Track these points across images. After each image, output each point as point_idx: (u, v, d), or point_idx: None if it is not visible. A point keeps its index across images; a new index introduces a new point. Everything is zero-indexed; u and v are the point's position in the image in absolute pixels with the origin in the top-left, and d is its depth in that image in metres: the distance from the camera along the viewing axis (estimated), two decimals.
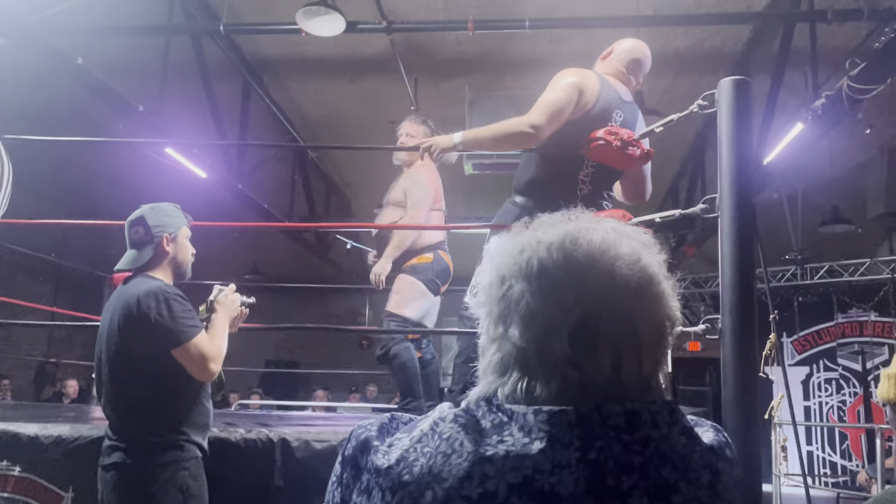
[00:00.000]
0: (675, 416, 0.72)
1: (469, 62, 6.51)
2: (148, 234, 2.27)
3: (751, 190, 1.77)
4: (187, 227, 2.37)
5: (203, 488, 2.17)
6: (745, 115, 1.79)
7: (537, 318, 0.72)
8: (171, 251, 2.30)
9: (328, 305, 13.20)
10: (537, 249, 0.75)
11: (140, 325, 2.12)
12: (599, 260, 0.73)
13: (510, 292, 0.74)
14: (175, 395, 2.16)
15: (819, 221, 8.19)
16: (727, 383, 1.72)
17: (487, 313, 0.77)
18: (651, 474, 0.66)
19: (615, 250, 0.74)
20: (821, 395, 9.68)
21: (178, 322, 2.14)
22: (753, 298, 1.71)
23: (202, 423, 2.24)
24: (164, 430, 2.12)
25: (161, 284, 2.21)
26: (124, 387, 2.18)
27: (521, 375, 0.72)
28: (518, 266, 0.75)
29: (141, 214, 2.30)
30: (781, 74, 5.74)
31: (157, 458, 2.09)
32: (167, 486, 2.06)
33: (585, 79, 2.63)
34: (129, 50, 5.88)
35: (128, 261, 2.28)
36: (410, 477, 0.67)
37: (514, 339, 0.72)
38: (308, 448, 2.40)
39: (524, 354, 0.72)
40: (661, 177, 8.74)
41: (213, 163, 6.75)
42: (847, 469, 9.06)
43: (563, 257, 0.73)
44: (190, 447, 2.14)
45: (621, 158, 2.44)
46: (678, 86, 6.75)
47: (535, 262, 0.74)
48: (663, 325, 0.75)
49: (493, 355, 0.75)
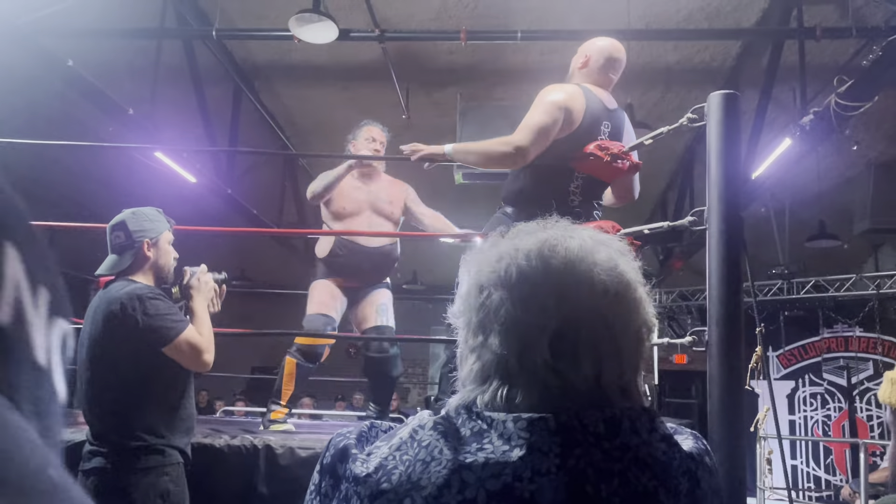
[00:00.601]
0: (655, 423, 0.72)
1: (461, 72, 6.54)
2: (129, 239, 2.26)
3: (739, 203, 1.79)
4: (169, 232, 2.36)
5: (184, 494, 2.15)
6: (734, 128, 1.80)
7: (517, 326, 0.72)
8: (153, 256, 2.29)
9: None
10: (516, 257, 0.75)
11: (125, 328, 2.10)
12: (577, 267, 0.73)
13: (489, 301, 0.74)
14: (157, 400, 2.14)
15: (806, 236, 8.25)
16: (713, 396, 1.73)
17: (466, 322, 0.77)
18: (631, 481, 0.66)
19: (593, 257, 0.74)
20: (806, 410, 9.72)
21: (165, 319, 2.13)
22: (740, 310, 1.72)
23: (184, 428, 2.22)
24: (145, 435, 2.10)
25: (141, 286, 2.20)
26: (105, 391, 2.16)
27: (501, 383, 0.72)
28: (497, 274, 0.75)
29: (122, 219, 2.29)
30: (770, 90, 5.79)
31: (138, 463, 2.07)
32: (148, 491, 2.05)
33: (571, 96, 2.63)
34: (120, 53, 5.86)
35: (108, 266, 2.27)
36: (389, 485, 0.67)
37: (494, 347, 0.72)
38: (292, 455, 2.38)
39: (504, 362, 0.72)
40: (649, 190, 8.78)
41: (203, 167, 6.73)
42: (831, 484, 9.09)
43: (541, 264, 0.73)
44: (171, 452, 2.13)
45: (610, 171, 2.45)
46: (668, 99, 6.80)
47: (514, 269, 0.74)
48: (640, 331, 0.75)
49: (472, 364, 0.75)
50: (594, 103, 2.68)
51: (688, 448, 0.74)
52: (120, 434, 2.10)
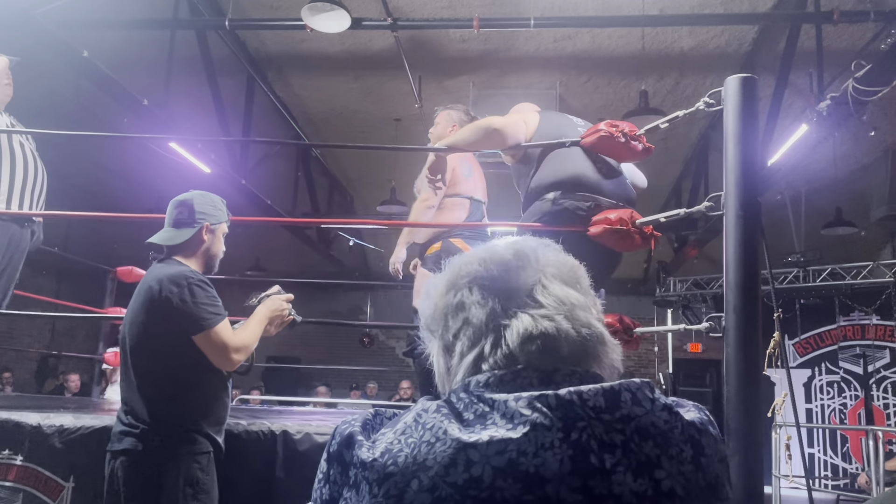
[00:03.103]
0: (655, 393, 0.73)
1: (473, 60, 6.51)
2: (191, 217, 2.25)
3: (756, 188, 1.77)
4: (226, 225, 2.36)
5: (213, 484, 2.12)
6: (752, 112, 1.79)
7: (496, 284, 0.79)
8: (208, 241, 2.27)
9: (330, 302, 13.21)
10: (467, 267, 0.82)
11: (161, 310, 2.09)
12: (524, 247, 0.82)
13: (460, 291, 0.81)
14: (193, 387, 2.12)
15: (822, 224, 8.18)
16: (730, 382, 1.72)
17: (441, 332, 0.82)
18: (633, 451, 0.67)
19: (531, 241, 0.84)
20: (822, 398, 9.67)
21: (201, 308, 2.10)
22: (758, 295, 1.71)
23: (218, 418, 2.19)
24: (179, 421, 2.08)
25: (186, 270, 2.17)
26: (144, 371, 2.14)
27: (492, 346, 0.76)
28: (454, 284, 0.82)
29: (189, 197, 2.28)
30: (786, 75, 5.73)
31: (170, 448, 2.05)
32: (178, 478, 2.03)
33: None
34: (134, 44, 5.89)
35: (163, 237, 2.24)
36: (395, 467, 0.68)
37: (476, 309, 0.78)
38: (309, 440, 2.40)
39: (492, 316, 0.77)
40: (664, 178, 8.74)
41: (217, 158, 6.76)
42: (847, 471, 9.05)
43: (490, 255, 0.83)
44: (203, 441, 2.11)
45: (624, 152, 2.43)
46: (683, 86, 6.74)
47: (471, 267, 0.82)
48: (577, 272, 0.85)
49: (460, 346, 0.79)
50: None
51: (690, 417, 0.74)
52: (154, 417, 2.08)
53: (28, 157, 3.40)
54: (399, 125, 7.83)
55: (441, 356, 0.82)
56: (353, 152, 8.99)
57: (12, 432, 2.58)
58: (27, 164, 3.39)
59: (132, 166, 7.85)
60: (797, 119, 5.67)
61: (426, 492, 0.66)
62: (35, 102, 6.21)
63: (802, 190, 8.17)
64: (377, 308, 13.26)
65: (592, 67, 6.56)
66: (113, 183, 8.36)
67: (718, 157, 1.80)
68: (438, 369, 0.83)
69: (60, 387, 9.41)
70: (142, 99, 5.55)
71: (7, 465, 2.55)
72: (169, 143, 6.44)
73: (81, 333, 11.32)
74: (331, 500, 0.74)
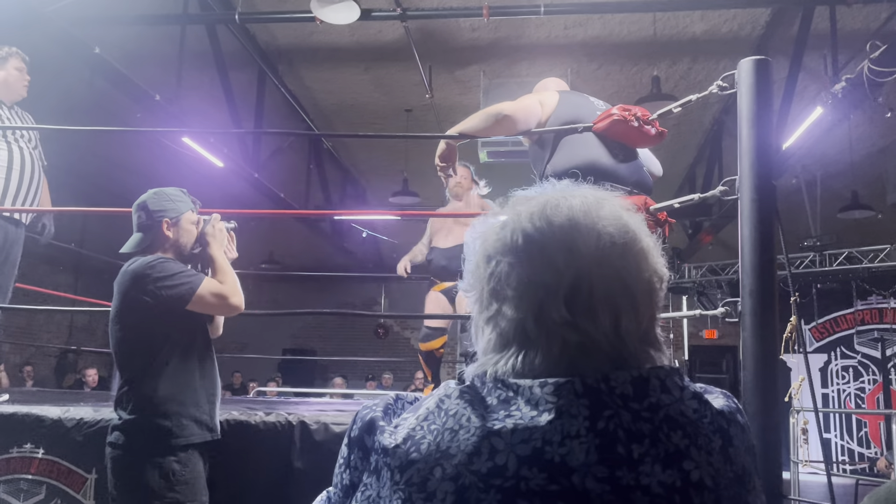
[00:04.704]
0: (685, 381, 0.72)
1: (484, 49, 6.48)
2: (150, 219, 2.28)
3: (771, 171, 1.76)
4: (192, 213, 2.37)
5: (195, 474, 2.15)
6: (766, 95, 1.77)
7: (529, 288, 0.72)
8: (172, 235, 2.30)
9: (344, 294, 13.26)
10: (519, 222, 0.75)
11: (142, 299, 2.13)
12: (582, 221, 0.73)
13: (498, 269, 0.74)
14: (166, 375, 2.15)
15: (838, 207, 8.10)
16: (747, 367, 1.71)
17: (478, 295, 0.77)
18: (662, 441, 0.66)
19: (596, 211, 0.74)
20: (839, 383, 9.61)
21: (179, 278, 2.16)
22: (774, 279, 1.70)
23: (204, 401, 2.22)
24: (154, 412, 2.11)
25: (149, 257, 2.22)
26: (123, 366, 2.21)
27: (519, 348, 0.72)
28: (502, 242, 0.75)
29: (144, 200, 2.32)
30: (800, 58, 5.67)
31: (145, 440, 2.09)
32: (155, 471, 2.07)
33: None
34: (145, 39, 5.91)
35: (131, 244, 2.30)
36: (418, 455, 0.67)
37: (509, 313, 0.73)
38: (326, 431, 2.41)
39: (522, 327, 0.72)
40: (677, 164, 8.68)
41: (230, 152, 6.78)
42: (865, 456, 9.00)
43: (546, 224, 0.74)
44: (181, 431, 2.13)
45: (637, 136, 2.41)
46: (695, 71, 6.69)
47: (519, 234, 0.74)
48: (652, 281, 0.75)
49: (489, 334, 0.75)
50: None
51: (719, 406, 0.73)
52: (131, 409, 2.13)
53: (26, 159, 3.44)
54: (410, 116, 7.82)
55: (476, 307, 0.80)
56: (365, 144, 8.99)
57: (33, 426, 2.61)
58: (24, 164, 3.43)
59: (147, 162, 7.89)
60: (812, 102, 5.60)
61: (449, 480, 0.65)
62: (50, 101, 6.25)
63: (818, 173, 8.09)
64: (391, 299, 13.29)
65: (604, 54, 6.51)
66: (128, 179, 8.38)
67: (732, 142, 1.79)
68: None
69: (80, 381, 9.52)
70: (154, 94, 5.57)
71: (29, 459, 2.58)
72: (182, 138, 6.46)
73: (100, 328, 11.43)
74: (351, 485, 0.74)
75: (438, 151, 2.64)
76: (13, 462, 2.60)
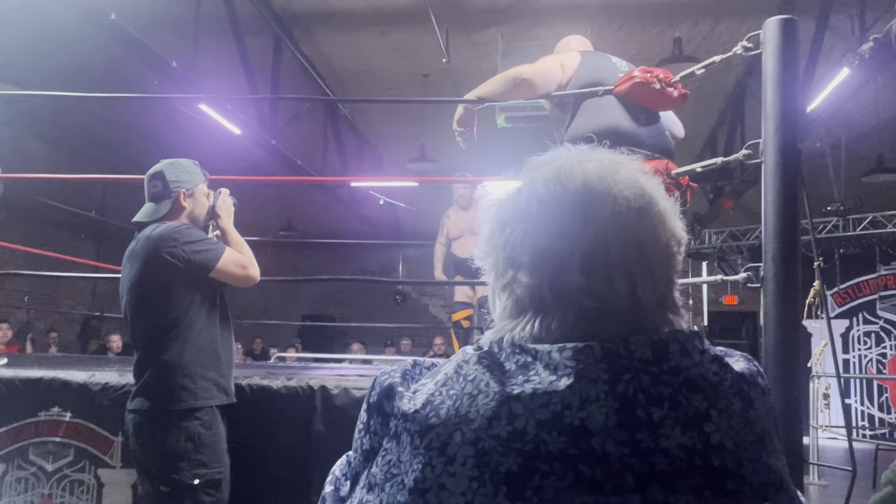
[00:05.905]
0: (705, 344, 0.71)
1: (501, 11, 6.38)
2: (166, 189, 2.30)
3: (796, 134, 1.72)
4: (204, 185, 2.39)
5: (218, 437, 2.18)
6: (792, 55, 1.73)
7: (545, 254, 0.71)
8: (188, 206, 2.32)
9: (362, 261, 13.31)
10: (533, 188, 0.74)
11: (168, 265, 2.15)
12: (597, 186, 0.72)
13: (513, 236, 0.74)
14: (190, 341, 2.18)
15: (863, 171, 7.96)
16: (768, 332, 1.70)
17: (494, 262, 0.77)
18: (682, 404, 0.65)
19: (612, 176, 0.73)
20: (860, 348, 9.55)
21: (206, 244, 2.22)
22: (797, 244, 1.68)
23: (224, 365, 2.26)
24: (178, 376, 2.14)
25: (172, 223, 2.24)
26: (143, 332, 2.23)
27: (535, 314, 0.71)
28: (516, 208, 0.75)
29: (160, 169, 2.33)
30: (826, 18, 5.53)
31: (170, 404, 2.12)
32: (179, 435, 2.10)
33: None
34: (161, 5, 5.88)
35: (146, 213, 2.31)
36: (437, 420, 0.67)
37: (525, 280, 0.72)
38: (347, 395, 2.44)
39: (538, 293, 0.71)
40: (699, 127, 8.55)
41: (247, 119, 6.77)
42: (885, 422, 8.97)
43: (560, 189, 0.73)
44: (205, 394, 2.16)
45: (659, 99, 2.37)
46: (718, 32, 6.54)
47: (534, 200, 0.74)
48: (670, 244, 0.74)
49: (506, 300, 0.74)
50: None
51: (739, 369, 0.72)
52: (154, 375, 2.16)
53: None
54: (427, 81, 7.75)
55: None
56: (382, 110, 8.94)
57: (60, 390, 2.66)
58: None
59: (165, 131, 7.91)
60: (838, 63, 5.48)
61: (469, 444, 0.65)
62: (67, 67, 6.27)
63: (842, 137, 7.94)
64: (409, 266, 13.33)
65: (624, 15, 6.39)
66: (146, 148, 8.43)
67: (755, 105, 1.76)
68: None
69: (103, 347, 9.68)
70: (170, 61, 5.56)
71: (57, 422, 2.64)
72: (199, 104, 6.46)
73: None
74: (371, 450, 0.74)
75: (456, 116, 2.62)
76: (41, 425, 2.66)
